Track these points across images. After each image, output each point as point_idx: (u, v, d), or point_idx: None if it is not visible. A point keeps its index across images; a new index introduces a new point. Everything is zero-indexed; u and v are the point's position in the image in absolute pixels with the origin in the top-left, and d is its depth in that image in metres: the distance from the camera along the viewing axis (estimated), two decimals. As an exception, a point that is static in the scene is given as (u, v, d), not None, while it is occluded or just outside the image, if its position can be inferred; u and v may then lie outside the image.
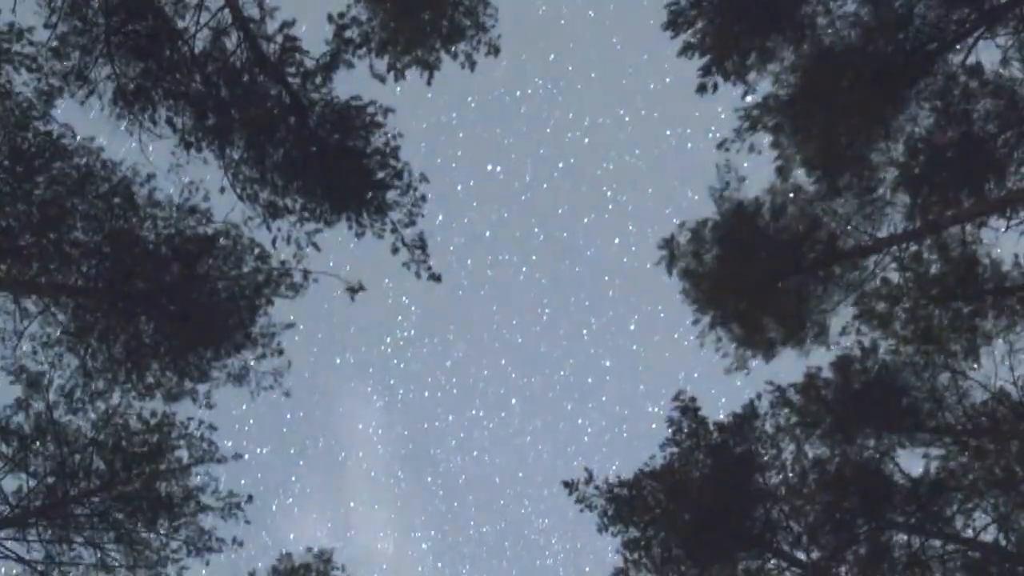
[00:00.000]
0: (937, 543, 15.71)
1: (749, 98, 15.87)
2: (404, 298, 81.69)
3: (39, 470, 15.63)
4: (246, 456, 16.99)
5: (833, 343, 16.79)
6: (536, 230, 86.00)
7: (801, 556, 15.98)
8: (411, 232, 15.79)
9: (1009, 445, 15.47)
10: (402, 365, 79.96)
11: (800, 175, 16.09)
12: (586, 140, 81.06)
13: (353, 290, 15.69)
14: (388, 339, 79.48)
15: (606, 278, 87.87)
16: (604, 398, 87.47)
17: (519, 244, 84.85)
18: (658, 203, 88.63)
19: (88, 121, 15.15)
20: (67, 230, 15.22)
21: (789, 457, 16.29)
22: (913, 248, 15.67)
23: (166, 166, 15.74)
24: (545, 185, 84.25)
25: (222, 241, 15.58)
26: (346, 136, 15.53)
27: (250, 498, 17.18)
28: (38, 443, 15.59)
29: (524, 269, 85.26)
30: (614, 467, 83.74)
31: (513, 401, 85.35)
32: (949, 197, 15.63)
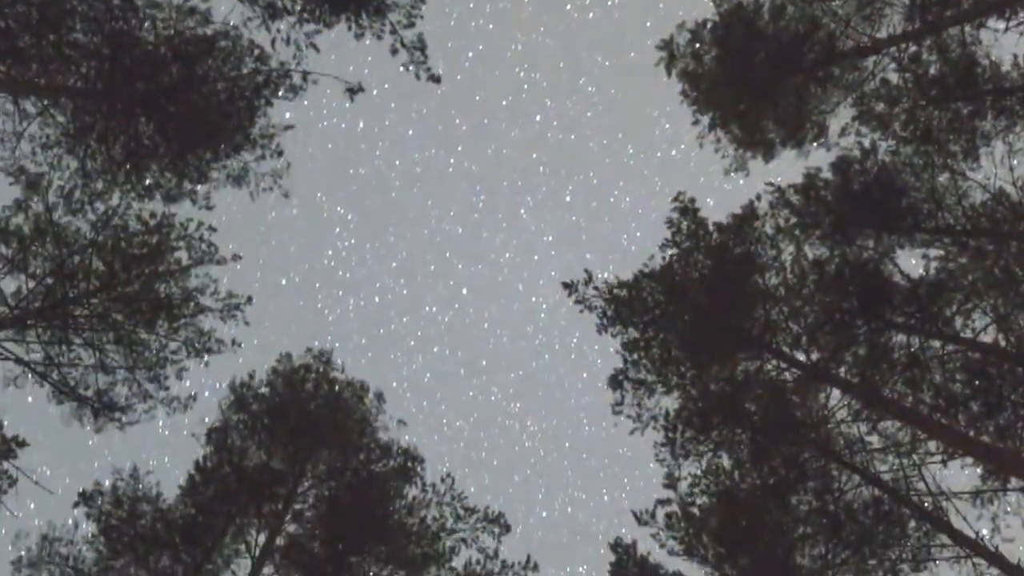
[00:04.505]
0: (936, 344, 20.19)
1: None
2: (339, 208, 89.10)
3: (38, 271, 20.31)
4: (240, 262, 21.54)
5: (832, 144, 21.55)
6: (458, 120, 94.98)
7: (800, 357, 20.60)
8: (410, 33, 20.26)
9: (1008, 245, 19.91)
10: (348, 275, 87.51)
11: (799, -25, 20.39)
12: (491, 26, 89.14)
13: (352, 91, 20.17)
14: (330, 252, 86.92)
15: (534, 155, 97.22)
16: (553, 273, 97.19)
17: (443, 137, 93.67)
18: (572, 75, 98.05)
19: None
20: (66, 31, 19.45)
21: (788, 258, 21.01)
22: (912, 49, 20.22)
23: (165, -34, 19.75)
24: (459, 76, 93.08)
25: (221, 42, 20.13)
26: (346, -65, 19.76)
27: (249, 300, 21.84)
28: (37, 244, 20.17)
29: (452, 160, 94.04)
30: (575, 338, 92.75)
31: (464, 291, 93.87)
32: (948, -3, 19.88)
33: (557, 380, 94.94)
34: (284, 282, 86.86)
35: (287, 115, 20.91)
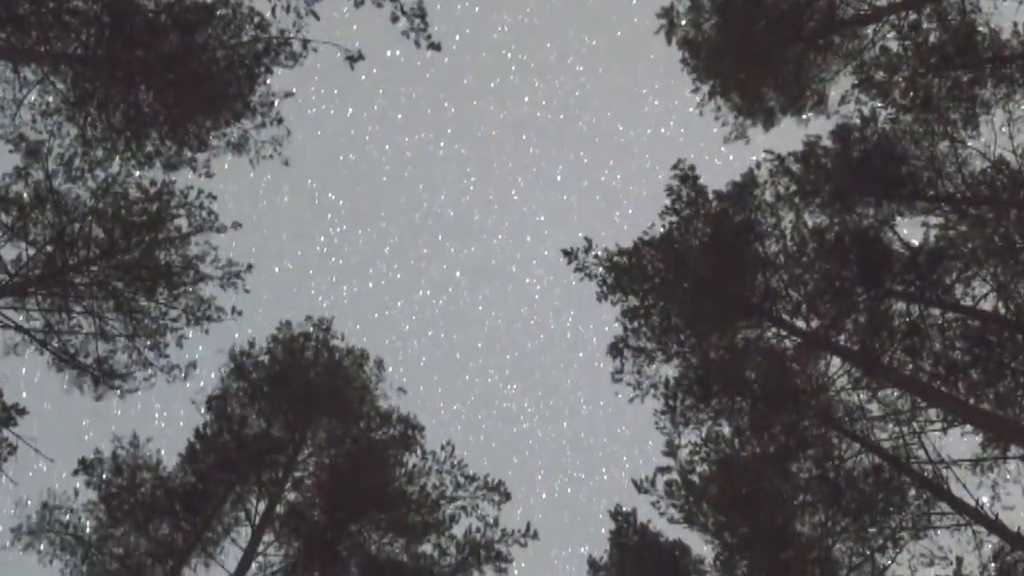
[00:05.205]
0: (936, 311, 20.51)
1: None
2: (330, 194, 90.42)
3: (38, 239, 20.67)
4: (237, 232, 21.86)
5: (832, 112, 21.85)
6: (446, 104, 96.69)
7: (800, 324, 20.95)
8: (410, 0, 20.48)
9: (1008, 213, 20.22)
10: (341, 261, 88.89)
11: (799, -57, 20.72)
12: (477, 9, 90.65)
13: (352, 58, 20.47)
14: (322, 238, 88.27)
15: (524, 137, 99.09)
16: (546, 252, 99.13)
17: (432, 120, 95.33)
18: (559, 55, 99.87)
19: None
20: (66, -2, 19.58)
21: (788, 226, 21.31)
22: (912, 17, 20.52)
23: (165, -66, 20.05)
24: (447, 59, 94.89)
25: (221, 10, 20.47)
26: (346, -98, 20.06)
27: (249, 267, 22.18)
28: (37, 212, 20.53)
29: (442, 144, 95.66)
30: (570, 318, 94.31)
31: (457, 274, 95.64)
32: (948, -35, 20.19)
33: (553, 361, 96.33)
34: (277, 270, 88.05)
35: (276, 104, 21.38)
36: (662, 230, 22.61)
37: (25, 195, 20.97)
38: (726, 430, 21.10)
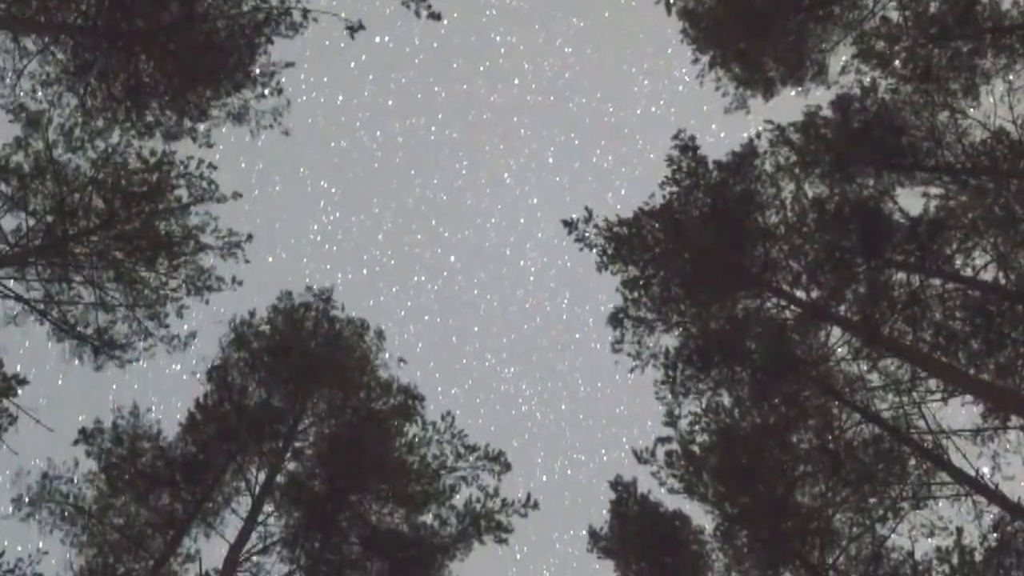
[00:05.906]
0: (937, 282, 20.63)
1: None
2: (322, 182, 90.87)
3: (38, 209, 20.82)
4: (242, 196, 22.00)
5: (832, 82, 21.97)
6: (437, 88, 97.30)
7: (800, 295, 21.07)
8: (410, -30, 20.61)
9: (1008, 183, 20.34)
10: (335, 248, 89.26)
11: (800, -87, 20.85)
12: None
13: (352, 28, 20.60)
14: (315, 226, 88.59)
15: (514, 119, 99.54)
16: (540, 235, 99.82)
17: (423, 105, 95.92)
18: (548, 37, 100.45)
19: None
20: (66, -33, 19.67)
21: (788, 196, 21.42)
22: (912, -14, 20.47)
23: (165, -97, 20.15)
24: (436, 44, 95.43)
25: (221, -21, 20.38)
26: None
27: (249, 237, 22.33)
28: (37, 182, 20.67)
29: (433, 128, 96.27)
30: (566, 300, 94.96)
31: (452, 258, 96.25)
32: (948, -66, 20.31)
33: (550, 343, 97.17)
34: (271, 259, 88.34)
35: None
36: (662, 201, 22.75)
37: (25, 165, 21.11)
38: (726, 400, 21.30)
